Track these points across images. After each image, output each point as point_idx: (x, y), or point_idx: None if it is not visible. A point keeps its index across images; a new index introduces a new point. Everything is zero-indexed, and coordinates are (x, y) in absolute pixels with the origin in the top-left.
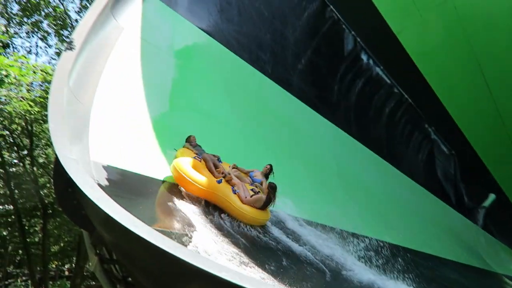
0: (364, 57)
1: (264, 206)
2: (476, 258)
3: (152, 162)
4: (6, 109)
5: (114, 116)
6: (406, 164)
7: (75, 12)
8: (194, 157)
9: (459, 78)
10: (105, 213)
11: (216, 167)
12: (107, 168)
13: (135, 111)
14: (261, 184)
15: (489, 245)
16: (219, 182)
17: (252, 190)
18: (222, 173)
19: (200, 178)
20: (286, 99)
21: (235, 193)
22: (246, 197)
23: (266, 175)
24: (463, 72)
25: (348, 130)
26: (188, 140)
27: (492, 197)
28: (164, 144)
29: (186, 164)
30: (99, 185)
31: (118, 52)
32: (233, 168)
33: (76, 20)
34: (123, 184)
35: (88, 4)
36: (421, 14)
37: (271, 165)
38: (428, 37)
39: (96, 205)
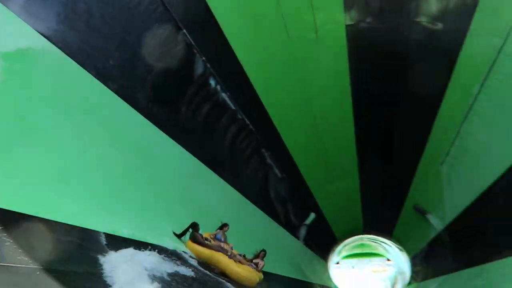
0: (212, 82)
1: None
2: (298, 271)
3: None
4: None
5: None
6: (243, 184)
7: None
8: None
9: (294, 110)
10: None
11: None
12: None
13: None
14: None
15: (308, 259)
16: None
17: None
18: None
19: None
20: (132, 117)
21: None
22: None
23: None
24: (298, 105)
25: (191, 149)
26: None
27: (312, 216)
28: None
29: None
30: None
31: None
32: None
33: None
34: None
35: None
36: (266, 48)
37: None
38: (270, 71)
39: None
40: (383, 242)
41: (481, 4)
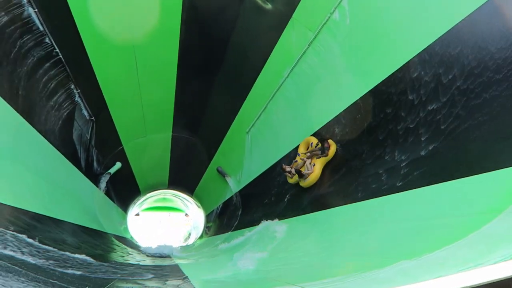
0: None
1: None
2: (93, 220)
3: None
4: None
5: None
6: (42, 121)
7: None
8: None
9: (114, 48)
10: None
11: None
12: None
13: None
14: None
15: (106, 208)
16: None
17: None
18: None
19: None
20: None
21: None
22: None
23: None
24: (119, 43)
25: None
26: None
27: (118, 165)
28: None
29: None
30: None
31: None
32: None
33: None
34: None
35: None
36: None
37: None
38: None
39: None
40: (184, 199)
41: None
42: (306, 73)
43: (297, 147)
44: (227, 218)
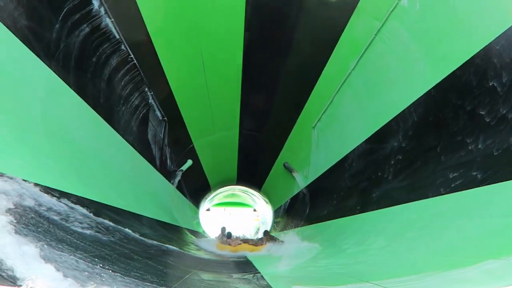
0: (95, 3)
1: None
2: (168, 215)
3: None
4: None
5: None
6: (121, 123)
7: None
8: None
9: (183, 51)
10: None
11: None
12: None
13: None
14: None
15: (180, 203)
16: None
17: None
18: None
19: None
20: None
21: None
22: None
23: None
24: (187, 46)
25: (64, 77)
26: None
27: (189, 162)
28: None
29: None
30: None
31: None
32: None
33: None
34: None
35: None
36: None
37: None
38: (162, 3)
39: None
40: (252, 194)
41: None
42: (374, 64)
43: (365, 141)
44: (296, 214)
